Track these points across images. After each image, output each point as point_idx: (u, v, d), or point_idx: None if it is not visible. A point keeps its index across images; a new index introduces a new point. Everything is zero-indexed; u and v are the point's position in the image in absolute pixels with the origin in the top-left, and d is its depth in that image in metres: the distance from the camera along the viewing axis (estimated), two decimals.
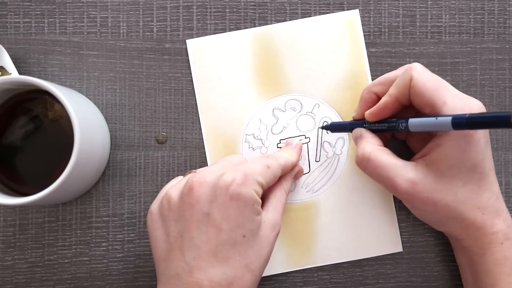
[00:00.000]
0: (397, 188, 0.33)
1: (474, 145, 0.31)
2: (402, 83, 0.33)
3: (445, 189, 0.32)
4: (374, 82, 0.36)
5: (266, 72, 0.40)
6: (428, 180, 0.32)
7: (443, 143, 0.32)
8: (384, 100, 0.34)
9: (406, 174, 0.32)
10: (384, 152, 0.34)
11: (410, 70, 0.32)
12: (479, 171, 0.32)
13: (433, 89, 0.31)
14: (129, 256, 0.39)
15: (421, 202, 0.33)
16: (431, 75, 0.32)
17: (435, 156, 0.32)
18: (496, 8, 0.41)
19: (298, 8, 0.40)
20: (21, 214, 0.39)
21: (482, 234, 0.33)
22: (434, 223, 0.36)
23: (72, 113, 0.32)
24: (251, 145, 0.40)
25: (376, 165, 0.33)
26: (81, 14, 0.40)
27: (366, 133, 0.35)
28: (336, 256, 0.39)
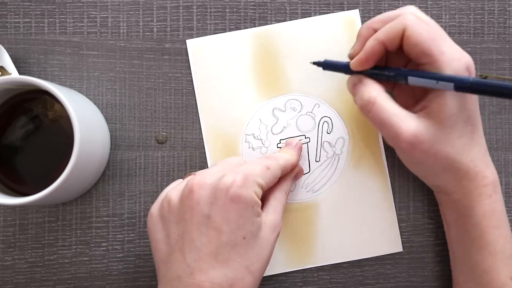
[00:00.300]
0: (401, 136, 0.32)
1: (469, 97, 0.32)
2: (394, 30, 0.32)
3: (445, 140, 0.32)
4: (374, 19, 0.34)
5: (266, 72, 0.40)
6: (430, 131, 0.32)
7: (443, 93, 0.31)
8: (370, 44, 0.33)
9: (410, 124, 0.32)
10: (389, 99, 0.33)
11: (403, 19, 0.32)
12: (472, 123, 0.33)
13: (429, 39, 0.31)
14: (129, 256, 0.39)
15: (421, 153, 0.32)
16: (426, 24, 0.32)
17: (435, 107, 0.32)
18: (496, 8, 0.41)
19: (298, 8, 0.40)
20: (21, 214, 0.39)
21: (474, 186, 0.33)
22: (428, 177, 0.36)
23: (72, 113, 0.32)
24: (251, 145, 0.40)
25: (382, 109, 0.32)
26: (81, 14, 0.40)
27: (367, 79, 0.34)
28: (336, 256, 0.39)
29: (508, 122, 0.41)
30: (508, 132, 0.41)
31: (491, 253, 0.33)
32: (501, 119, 0.41)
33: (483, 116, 0.40)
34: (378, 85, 0.34)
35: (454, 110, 0.32)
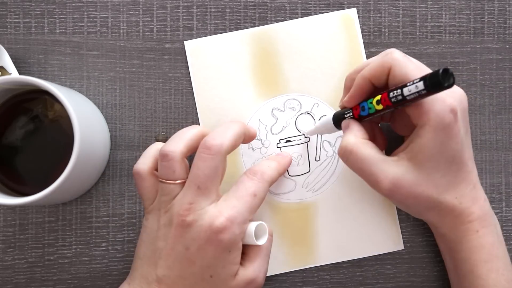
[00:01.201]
0: (379, 184, 0.32)
1: (453, 136, 0.31)
2: (380, 69, 0.32)
3: (426, 181, 0.32)
4: (355, 69, 0.35)
5: (264, 72, 0.40)
6: (410, 175, 0.32)
7: (423, 134, 0.31)
8: (357, 81, 0.33)
9: (388, 170, 0.32)
10: (367, 146, 0.33)
11: (390, 59, 0.32)
12: (457, 161, 0.32)
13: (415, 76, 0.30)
14: (129, 256, 0.39)
15: (402, 196, 0.33)
16: (411, 63, 0.32)
17: (416, 148, 0.32)
18: (496, 8, 0.41)
19: (298, 8, 0.40)
20: (21, 214, 0.39)
21: (458, 222, 0.33)
22: (413, 213, 0.36)
23: (72, 113, 0.32)
24: (251, 145, 0.40)
25: (358, 158, 0.33)
26: (81, 14, 0.40)
27: (353, 124, 0.34)
28: (337, 255, 0.39)
29: (508, 122, 0.40)
30: (508, 132, 0.40)
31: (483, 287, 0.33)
32: (501, 119, 0.40)
33: (483, 116, 0.40)
34: (360, 132, 0.34)
35: (434, 150, 0.31)
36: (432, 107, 0.30)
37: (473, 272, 0.33)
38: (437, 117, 0.30)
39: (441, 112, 0.30)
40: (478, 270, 0.33)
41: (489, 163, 0.40)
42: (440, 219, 0.34)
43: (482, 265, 0.33)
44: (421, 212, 0.35)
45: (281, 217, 0.39)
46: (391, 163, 0.33)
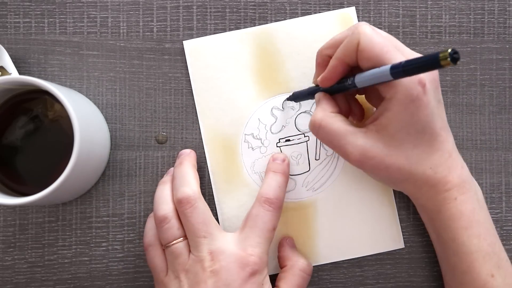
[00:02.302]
0: (349, 156, 0.33)
1: (423, 108, 0.31)
2: (349, 46, 0.32)
3: (396, 152, 0.32)
4: (325, 44, 0.35)
5: (264, 71, 0.40)
6: (379, 146, 0.32)
7: (391, 107, 0.31)
8: (332, 64, 0.33)
9: (356, 142, 0.32)
10: (336, 119, 0.33)
11: (357, 34, 0.31)
12: (429, 132, 0.32)
13: (381, 52, 0.31)
14: (129, 256, 0.39)
15: (372, 167, 0.33)
16: (379, 37, 0.31)
17: (384, 121, 0.32)
18: (496, 8, 0.41)
19: (298, 8, 0.40)
20: (21, 214, 0.39)
21: (435, 192, 0.33)
22: (389, 184, 0.36)
23: (72, 113, 0.32)
24: (251, 144, 0.40)
25: (326, 132, 0.33)
26: (81, 14, 0.40)
27: (323, 98, 0.35)
28: (338, 254, 0.39)
29: (508, 122, 0.40)
30: (508, 132, 0.40)
31: (466, 254, 0.33)
32: (501, 119, 0.40)
33: (483, 116, 0.40)
34: (329, 105, 0.34)
35: (403, 123, 0.31)
36: (399, 80, 0.30)
37: (455, 239, 0.33)
38: (405, 90, 0.30)
39: (409, 84, 0.30)
40: (460, 238, 0.33)
41: (489, 163, 0.40)
42: (416, 190, 0.34)
43: (462, 231, 0.33)
44: (396, 183, 0.35)
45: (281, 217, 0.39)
46: (359, 134, 0.33)
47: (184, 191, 0.35)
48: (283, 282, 0.36)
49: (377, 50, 0.31)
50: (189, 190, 0.35)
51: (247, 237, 0.34)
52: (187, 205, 0.34)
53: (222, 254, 0.33)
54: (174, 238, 0.34)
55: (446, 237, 0.34)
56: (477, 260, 0.33)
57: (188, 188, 0.35)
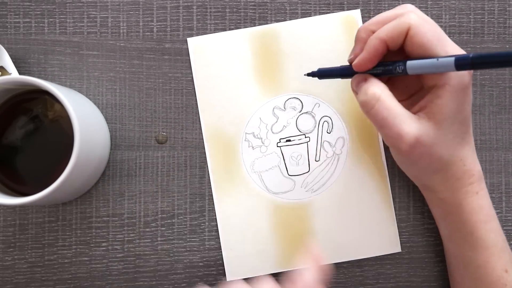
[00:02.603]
0: (402, 138, 0.31)
1: (468, 98, 0.31)
2: (397, 29, 0.31)
3: (441, 142, 0.32)
4: (371, 20, 0.33)
5: (266, 71, 0.40)
6: (430, 134, 0.31)
7: (443, 94, 0.31)
8: (372, 43, 0.32)
9: (412, 126, 0.31)
10: (393, 98, 0.32)
11: (408, 18, 0.31)
12: (466, 123, 0.33)
13: (433, 39, 0.30)
14: (129, 256, 0.39)
15: (419, 155, 0.32)
16: (429, 24, 0.31)
17: (435, 108, 0.31)
18: (496, 8, 0.41)
19: (298, 8, 0.40)
20: (21, 214, 0.39)
21: (460, 185, 0.34)
22: (419, 176, 0.36)
23: (72, 113, 0.32)
24: (251, 144, 0.40)
25: (385, 107, 0.31)
26: (81, 14, 0.40)
27: (370, 77, 0.33)
28: (335, 256, 0.39)
29: (508, 122, 0.41)
30: (508, 132, 0.41)
31: (483, 248, 0.33)
32: (501, 119, 0.41)
33: (483, 116, 0.40)
34: (383, 84, 0.33)
35: (453, 111, 0.31)
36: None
37: (473, 233, 0.33)
38: (458, 78, 0.30)
39: (462, 72, 0.30)
40: (478, 231, 0.33)
41: (489, 163, 0.40)
42: (443, 182, 0.34)
43: (481, 226, 0.33)
44: (429, 174, 0.34)
45: (279, 217, 0.39)
46: (415, 118, 0.32)
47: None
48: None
49: (430, 37, 0.30)
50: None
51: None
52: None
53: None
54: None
55: (464, 231, 0.34)
56: (494, 254, 0.33)
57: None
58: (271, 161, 0.40)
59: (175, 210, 0.40)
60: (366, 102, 0.32)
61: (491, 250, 0.33)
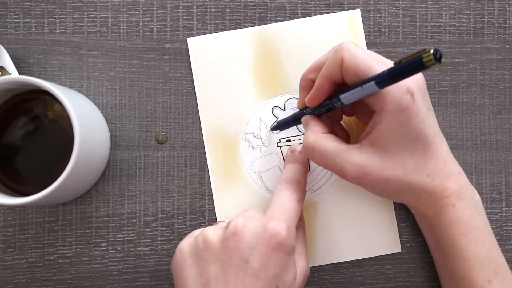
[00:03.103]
0: (346, 174, 0.32)
1: (413, 116, 0.31)
2: (334, 64, 0.32)
3: (392, 164, 0.32)
4: (308, 69, 0.35)
5: (266, 71, 0.40)
6: (374, 160, 0.32)
7: (382, 119, 0.31)
8: (317, 82, 0.33)
9: (352, 159, 0.32)
10: (328, 139, 0.33)
11: (340, 51, 0.31)
12: (422, 140, 0.32)
13: (366, 67, 0.31)
14: (129, 256, 0.39)
15: (371, 182, 0.32)
16: (362, 52, 0.31)
17: (377, 134, 0.32)
18: (496, 8, 0.41)
19: (298, 8, 0.40)
20: (21, 214, 0.39)
21: (434, 200, 0.33)
22: (389, 197, 0.36)
23: (72, 113, 0.32)
24: (251, 144, 0.40)
25: (321, 153, 0.33)
26: (81, 14, 0.40)
27: (311, 121, 0.35)
28: (335, 256, 0.39)
29: (508, 122, 0.41)
30: (508, 132, 0.40)
31: (464, 260, 0.33)
32: (501, 119, 0.41)
33: (483, 116, 0.40)
34: (318, 126, 0.34)
35: (396, 133, 0.31)
36: (387, 92, 0.30)
37: (453, 246, 0.33)
38: (394, 101, 0.30)
39: (398, 95, 0.30)
40: (458, 243, 0.33)
41: (489, 163, 0.40)
42: (415, 199, 0.34)
43: (461, 237, 0.33)
44: (396, 195, 0.35)
45: None
46: (354, 151, 0.32)
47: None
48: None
49: (362, 65, 0.31)
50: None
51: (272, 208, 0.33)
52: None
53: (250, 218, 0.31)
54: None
55: (445, 243, 0.34)
56: (475, 266, 0.33)
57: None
58: (271, 161, 0.40)
59: (175, 210, 0.40)
60: (305, 151, 0.34)
61: (472, 262, 0.33)
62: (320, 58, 0.34)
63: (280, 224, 0.31)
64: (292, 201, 0.33)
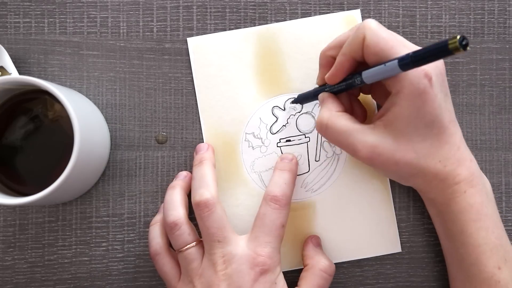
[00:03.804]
0: (358, 153, 0.33)
1: (430, 101, 0.31)
2: (355, 42, 0.32)
3: (405, 147, 0.32)
4: (328, 45, 0.35)
5: (267, 71, 0.40)
6: (387, 141, 0.32)
7: (398, 102, 0.31)
8: (338, 60, 0.33)
9: (365, 138, 0.32)
10: (342, 118, 0.33)
11: (362, 29, 0.32)
12: (437, 125, 0.32)
13: (387, 47, 0.31)
14: (129, 256, 0.39)
15: (382, 163, 0.33)
16: (385, 31, 0.32)
17: (391, 116, 0.32)
18: (496, 8, 0.41)
19: (298, 8, 0.40)
20: (21, 214, 0.39)
21: (445, 185, 0.33)
22: (399, 180, 0.36)
23: (72, 113, 0.32)
24: (251, 144, 0.40)
25: (334, 131, 0.33)
26: (81, 14, 0.40)
27: (327, 98, 0.35)
28: (335, 255, 0.39)
29: (508, 122, 0.41)
30: (508, 132, 0.41)
31: (474, 246, 0.33)
32: (501, 119, 0.41)
33: (483, 116, 0.40)
34: (334, 104, 0.34)
35: (411, 117, 0.31)
36: (405, 74, 0.30)
37: (463, 232, 0.33)
38: (411, 84, 0.30)
39: (415, 78, 0.30)
40: (468, 230, 0.33)
41: (489, 163, 0.40)
42: (426, 184, 0.34)
43: (471, 224, 0.33)
44: (406, 178, 0.35)
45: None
46: (367, 131, 0.33)
47: (203, 194, 0.35)
48: (303, 281, 0.36)
49: (383, 44, 0.31)
50: (208, 194, 0.35)
51: (256, 237, 0.34)
52: (204, 209, 0.34)
53: (233, 257, 0.33)
54: (186, 244, 0.35)
55: (455, 229, 0.34)
56: (485, 252, 0.33)
57: (207, 191, 0.35)
58: (271, 161, 0.40)
59: None
60: (318, 129, 0.35)
61: (482, 248, 0.33)
62: (341, 36, 0.34)
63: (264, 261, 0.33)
64: (276, 228, 0.34)
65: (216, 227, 0.34)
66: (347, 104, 0.36)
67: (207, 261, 0.34)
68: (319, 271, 0.36)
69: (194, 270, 0.34)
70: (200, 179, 0.36)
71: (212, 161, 0.38)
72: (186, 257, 0.34)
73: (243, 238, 0.34)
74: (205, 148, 0.38)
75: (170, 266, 0.35)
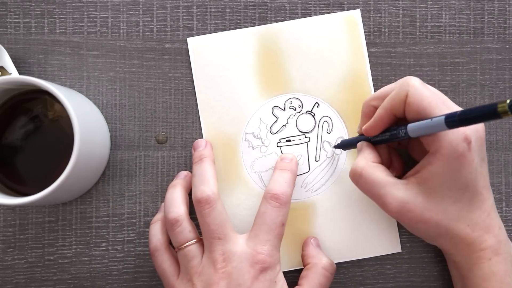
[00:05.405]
0: (387, 206, 0.33)
1: (466, 165, 0.31)
2: (398, 98, 0.32)
3: (435, 207, 0.32)
4: (372, 96, 0.36)
5: (267, 71, 0.40)
6: (418, 199, 0.32)
7: (435, 161, 0.31)
8: (378, 113, 0.34)
9: (396, 193, 0.32)
10: (377, 169, 0.34)
11: (406, 86, 0.32)
12: (471, 190, 0.32)
13: (430, 106, 0.31)
14: (129, 256, 0.39)
15: (410, 220, 0.33)
16: (428, 91, 0.32)
17: (426, 174, 0.32)
18: (496, 8, 0.41)
19: (298, 8, 0.40)
20: (21, 214, 0.39)
21: (471, 250, 0.33)
22: (424, 238, 0.36)
23: (72, 113, 0.32)
24: (251, 143, 0.40)
25: (367, 181, 0.34)
26: (81, 14, 0.40)
27: (366, 147, 0.35)
28: (335, 255, 0.39)
29: (508, 122, 0.41)
30: (508, 132, 0.41)
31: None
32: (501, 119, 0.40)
33: None
34: (371, 154, 0.34)
35: (445, 178, 0.31)
36: (445, 135, 0.30)
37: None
38: (450, 146, 0.30)
39: (454, 141, 0.30)
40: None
41: (489, 163, 0.40)
42: (452, 246, 0.34)
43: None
44: (433, 237, 0.34)
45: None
46: (400, 186, 0.33)
47: (204, 191, 0.35)
48: (305, 280, 0.36)
49: (426, 104, 0.31)
50: (209, 191, 0.35)
51: (256, 235, 0.34)
52: (205, 206, 0.34)
53: (233, 255, 0.33)
54: (186, 241, 0.34)
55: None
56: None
57: (207, 188, 0.35)
58: (271, 161, 0.40)
59: None
60: (351, 177, 0.35)
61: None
62: (386, 88, 0.35)
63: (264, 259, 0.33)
64: (276, 226, 0.34)
65: (217, 223, 0.34)
66: (385, 156, 0.36)
67: (207, 258, 0.34)
68: (321, 269, 0.36)
69: (194, 268, 0.34)
70: (200, 176, 0.36)
71: (211, 158, 0.38)
72: (186, 255, 0.34)
73: (243, 236, 0.34)
74: (204, 144, 0.38)
75: (169, 263, 0.35)
